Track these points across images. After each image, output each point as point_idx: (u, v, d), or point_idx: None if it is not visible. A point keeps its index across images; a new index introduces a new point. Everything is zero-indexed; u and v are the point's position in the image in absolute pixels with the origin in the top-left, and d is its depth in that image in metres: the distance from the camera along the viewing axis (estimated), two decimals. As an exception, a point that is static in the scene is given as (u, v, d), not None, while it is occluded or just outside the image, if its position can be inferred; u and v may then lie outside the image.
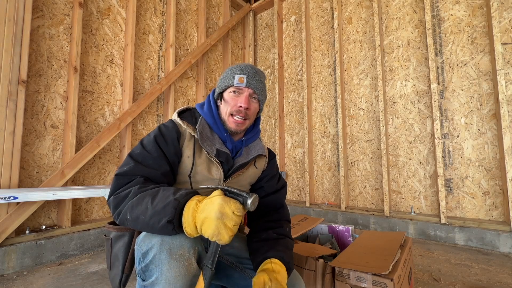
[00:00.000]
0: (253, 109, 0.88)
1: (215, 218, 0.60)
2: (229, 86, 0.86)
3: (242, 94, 0.85)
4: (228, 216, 0.61)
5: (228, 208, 0.61)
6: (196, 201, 0.64)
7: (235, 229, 0.62)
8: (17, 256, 1.67)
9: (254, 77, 0.86)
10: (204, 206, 0.62)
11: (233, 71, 0.87)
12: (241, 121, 0.85)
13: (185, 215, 0.63)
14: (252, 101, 0.87)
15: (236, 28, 3.89)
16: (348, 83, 3.03)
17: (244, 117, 0.85)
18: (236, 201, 0.63)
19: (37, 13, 1.94)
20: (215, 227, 0.60)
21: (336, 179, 3.04)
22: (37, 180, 1.90)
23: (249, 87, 0.85)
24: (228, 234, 0.61)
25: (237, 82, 0.84)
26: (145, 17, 2.68)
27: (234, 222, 0.61)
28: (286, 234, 0.91)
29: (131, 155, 0.78)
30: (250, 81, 0.85)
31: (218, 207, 0.60)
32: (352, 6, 3.05)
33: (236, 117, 0.85)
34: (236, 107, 0.84)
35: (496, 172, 2.14)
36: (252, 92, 0.86)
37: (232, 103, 0.85)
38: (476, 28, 2.28)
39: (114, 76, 2.40)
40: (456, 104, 2.34)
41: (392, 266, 0.93)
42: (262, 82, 0.89)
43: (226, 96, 0.87)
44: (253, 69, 0.88)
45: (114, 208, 0.71)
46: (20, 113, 1.74)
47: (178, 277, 0.62)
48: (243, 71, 0.86)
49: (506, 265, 1.74)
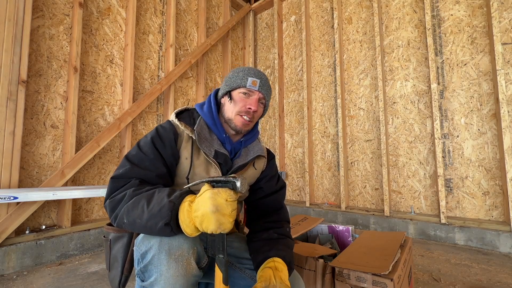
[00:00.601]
0: (258, 113, 0.90)
1: (211, 213, 0.60)
2: (241, 87, 0.87)
3: (253, 97, 0.87)
4: (223, 206, 0.61)
5: (220, 198, 0.62)
6: (188, 202, 0.64)
7: (234, 214, 0.63)
8: (17, 256, 1.67)
9: (266, 83, 0.90)
10: (197, 205, 0.62)
11: (247, 73, 0.88)
12: (248, 122, 0.86)
13: (181, 218, 0.63)
14: (259, 105, 0.89)
15: (236, 28, 3.89)
16: (348, 83, 3.03)
17: (250, 119, 0.86)
18: (225, 189, 0.64)
19: (37, 13, 1.94)
20: (215, 220, 0.60)
21: (336, 179, 3.04)
22: (37, 180, 1.90)
23: (261, 92, 0.87)
24: (229, 222, 0.62)
25: (250, 85, 0.86)
26: (145, 17, 2.68)
27: (231, 208, 0.62)
28: (287, 234, 0.92)
29: (127, 157, 0.78)
30: (263, 86, 0.88)
31: (211, 201, 0.61)
32: (352, 6, 3.05)
33: (245, 117, 0.86)
34: (245, 108, 0.85)
35: (496, 172, 2.14)
36: (262, 97, 0.88)
37: (241, 104, 0.86)
38: (476, 28, 2.27)
39: (114, 76, 2.40)
40: (456, 104, 2.34)
41: (392, 266, 0.93)
42: (270, 89, 0.93)
43: (235, 95, 0.87)
44: (264, 75, 0.91)
45: (111, 211, 0.70)
46: (20, 113, 1.74)
47: (177, 277, 0.62)
48: (256, 75, 0.88)
49: (506, 265, 1.74)
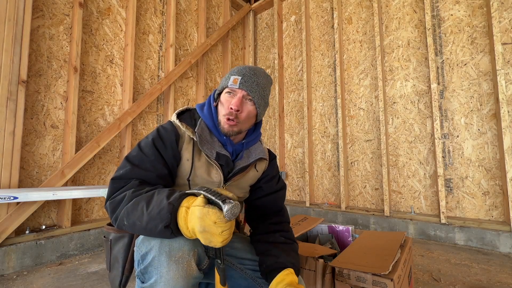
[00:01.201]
0: (246, 112, 0.83)
1: (199, 232, 0.59)
2: (225, 87, 0.84)
3: (236, 95, 0.81)
4: (211, 227, 0.59)
5: (208, 220, 0.59)
6: (185, 208, 0.63)
7: (226, 234, 0.60)
8: (17, 256, 1.67)
9: (250, 79, 0.82)
10: (190, 216, 0.61)
11: (232, 72, 0.85)
12: (232, 123, 0.81)
13: (179, 223, 0.63)
14: (246, 103, 0.82)
15: (236, 28, 3.89)
16: (348, 83, 3.03)
17: (233, 119, 0.80)
18: (215, 211, 0.59)
19: (37, 13, 1.94)
20: (204, 239, 0.60)
21: (336, 179, 3.04)
22: (37, 180, 1.90)
23: (242, 89, 0.81)
24: (219, 241, 0.60)
25: (231, 83, 0.81)
26: (145, 17, 2.68)
27: (220, 229, 0.59)
28: (293, 239, 0.93)
29: (127, 158, 0.77)
30: (244, 83, 0.81)
31: (199, 222, 0.59)
32: (352, 6, 3.05)
33: (228, 117, 0.81)
34: (228, 109, 0.81)
35: (496, 172, 2.14)
36: (245, 94, 0.82)
37: (226, 105, 0.82)
38: (476, 28, 2.27)
39: (114, 76, 2.40)
40: (456, 104, 2.34)
41: (392, 266, 0.92)
42: (259, 84, 0.83)
43: (222, 97, 0.85)
44: (251, 71, 0.84)
45: (111, 213, 0.70)
46: (20, 113, 1.74)
47: (178, 279, 0.62)
48: (239, 72, 0.83)
49: (506, 265, 1.74)
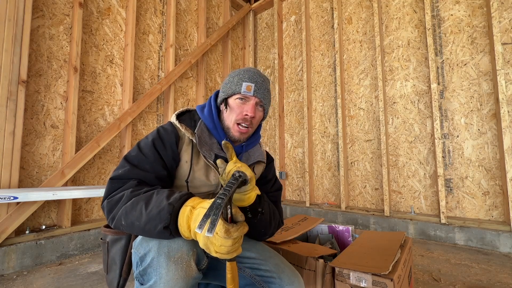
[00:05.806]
0: (257, 118, 0.87)
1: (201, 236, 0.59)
2: (236, 93, 0.83)
3: (249, 102, 0.83)
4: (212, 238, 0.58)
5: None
6: (190, 208, 0.62)
7: (223, 249, 0.58)
8: (17, 256, 1.67)
9: (262, 86, 0.85)
10: (195, 217, 0.61)
11: (241, 77, 0.84)
12: (245, 130, 0.84)
13: (180, 222, 0.62)
14: (258, 109, 0.86)
15: (236, 28, 3.89)
16: (348, 83, 3.03)
17: (248, 125, 0.84)
18: (220, 221, 0.58)
19: (37, 13, 1.94)
20: (203, 244, 0.59)
21: (336, 179, 3.04)
22: (37, 180, 1.90)
23: (257, 96, 0.83)
24: (213, 251, 0.58)
25: (245, 90, 0.82)
26: (145, 17, 2.68)
27: (220, 243, 0.57)
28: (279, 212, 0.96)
29: (126, 158, 0.76)
30: (258, 90, 0.83)
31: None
32: (352, 6, 3.05)
33: (241, 126, 0.83)
34: (242, 115, 0.82)
35: (496, 172, 2.14)
36: (258, 101, 0.85)
37: (238, 111, 0.83)
38: (476, 28, 2.27)
39: (114, 76, 2.40)
40: (456, 104, 2.34)
41: (392, 266, 0.92)
42: (268, 91, 0.88)
43: (231, 102, 0.85)
44: (261, 77, 0.86)
45: (108, 212, 0.69)
46: (20, 113, 1.74)
47: (177, 280, 0.61)
48: (251, 79, 0.84)
49: (506, 265, 1.74)
